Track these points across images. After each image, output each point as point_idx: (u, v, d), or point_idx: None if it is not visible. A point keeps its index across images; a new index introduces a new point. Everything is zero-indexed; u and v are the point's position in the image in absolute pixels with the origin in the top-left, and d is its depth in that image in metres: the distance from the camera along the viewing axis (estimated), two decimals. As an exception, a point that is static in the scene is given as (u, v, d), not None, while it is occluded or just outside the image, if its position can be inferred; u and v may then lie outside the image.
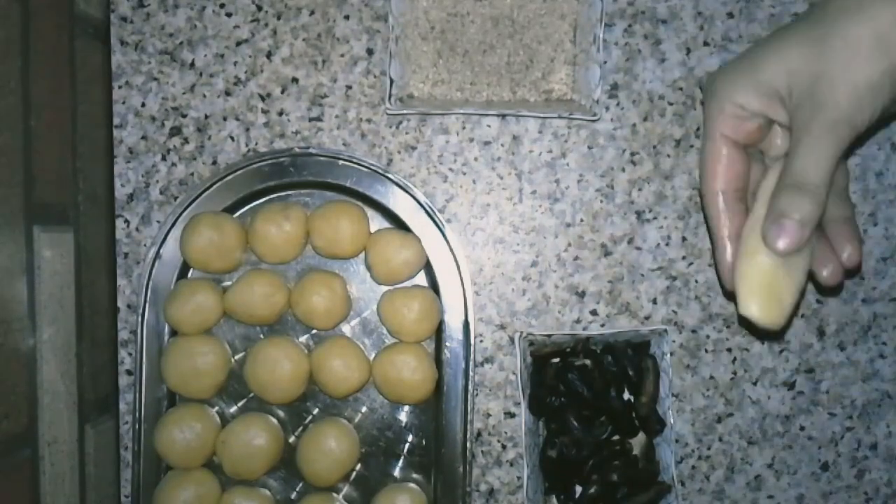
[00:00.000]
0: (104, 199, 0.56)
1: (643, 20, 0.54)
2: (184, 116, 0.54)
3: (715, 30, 0.54)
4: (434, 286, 0.53)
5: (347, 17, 0.54)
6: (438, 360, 0.53)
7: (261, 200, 0.54)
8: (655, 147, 0.54)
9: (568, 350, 0.53)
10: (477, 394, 0.55)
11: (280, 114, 0.54)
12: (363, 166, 0.53)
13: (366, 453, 0.54)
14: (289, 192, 0.54)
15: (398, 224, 0.53)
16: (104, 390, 0.56)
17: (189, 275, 0.53)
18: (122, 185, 0.55)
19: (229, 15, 0.54)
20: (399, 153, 0.55)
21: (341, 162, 0.53)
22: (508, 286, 0.55)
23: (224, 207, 0.53)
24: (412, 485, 0.53)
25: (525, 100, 0.54)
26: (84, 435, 0.53)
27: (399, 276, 0.52)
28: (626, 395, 0.53)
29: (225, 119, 0.54)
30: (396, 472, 0.54)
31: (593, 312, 0.55)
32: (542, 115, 0.53)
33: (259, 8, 0.54)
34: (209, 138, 0.54)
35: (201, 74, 0.54)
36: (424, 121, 0.54)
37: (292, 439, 0.54)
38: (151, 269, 0.53)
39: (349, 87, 0.54)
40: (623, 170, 0.54)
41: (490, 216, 0.55)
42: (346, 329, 0.54)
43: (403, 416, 0.54)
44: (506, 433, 0.55)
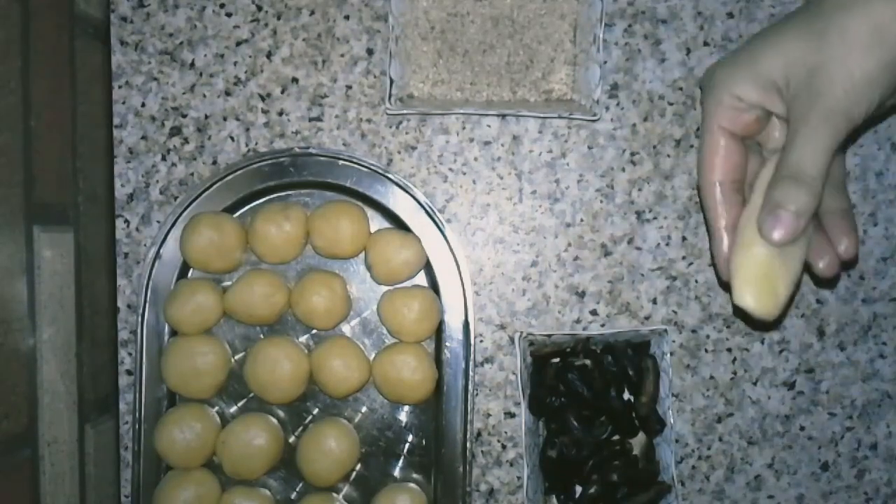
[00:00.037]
0: (104, 199, 0.56)
1: (643, 20, 0.54)
2: (184, 116, 0.54)
3: (715, 30, 0.54)
4: (434, 286, 0.53)
5: (347, 17, 0.54)
6: (438, 360, 0.53)
7: (261, 200, 0.54)
8: (655, 147, 0.54)
9: (568, 350, 0.53)
10: (477, 394, 0.55)
11: (280, 114, 0.54)
12: (363, 166, 0.53)
13: (366, 453, 0.54)
14: (289, 192, 0.54)
15: (398, 224, 0.53)
16: (104, 390, 0.56)
17: (189, 275, 0.53)
18: (122, 185, 0.55)
19: (229, 15, 0.54)
20: (399, 153, 0.55)
21: (341, 162, 0.53)
22: (508, 286, 0.55)
23: (224, 207, 0.53)
24: (412, 485, 0.53)
25: (525, 100, 0.54)
26: (84, 435, 0.53)
27: (399, 276, 0.52)
28: (626, 395, 0.53)
29: (225, 119, 0.54)
30: (396, 472, 0.54)
31: (593, 312, 0.55)
32: (542, 115, 0.53)
33: (259, 8, 0.54)
34: (209, 138, 0.54)
35: (201, 74, 0.54)
36: (424, 121, 0.54)
37: (292, 439, 0.54)
38: (151, 269, 0.53)
39: (349, 87, 0.54)
40: (623, 170, 0.54)
41: (490, 216, 0.55)
42: (346, 329, 0.54)
43: (403, 416, 0.54)
44: (506, 433, 0.55)
